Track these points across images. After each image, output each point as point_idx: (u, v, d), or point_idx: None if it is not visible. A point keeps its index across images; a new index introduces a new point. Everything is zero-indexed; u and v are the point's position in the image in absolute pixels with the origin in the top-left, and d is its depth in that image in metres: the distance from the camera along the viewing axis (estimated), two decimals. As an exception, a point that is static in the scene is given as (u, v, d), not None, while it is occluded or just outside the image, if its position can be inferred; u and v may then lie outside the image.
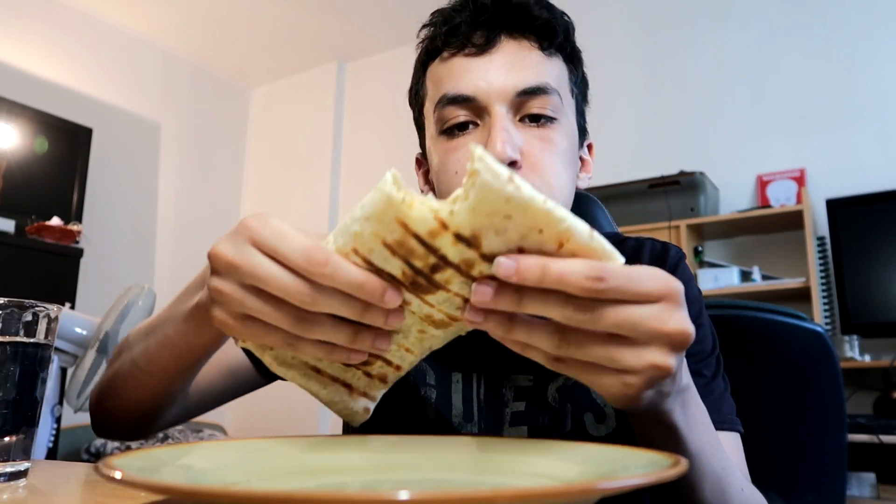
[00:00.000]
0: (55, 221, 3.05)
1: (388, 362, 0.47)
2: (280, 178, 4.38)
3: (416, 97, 0.76)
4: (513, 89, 0.65)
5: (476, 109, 0.66)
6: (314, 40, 4.08)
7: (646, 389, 0.40)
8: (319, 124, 4.27)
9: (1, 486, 0.50)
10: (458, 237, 0.36)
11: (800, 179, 2.64)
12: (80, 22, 3.66)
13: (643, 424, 0.49)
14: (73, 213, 3.29)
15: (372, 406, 0.50)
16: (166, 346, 0.59)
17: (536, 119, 0.66)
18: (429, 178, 0.75)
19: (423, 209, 0.36)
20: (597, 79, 0.79)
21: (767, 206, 2.62)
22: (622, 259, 0.37)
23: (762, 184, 2.71)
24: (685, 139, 2.97)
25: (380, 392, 0.50)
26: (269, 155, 4.48)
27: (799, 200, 2.52)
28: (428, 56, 0.73)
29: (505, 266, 0.36)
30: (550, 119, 0.66)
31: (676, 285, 0.38)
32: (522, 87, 0.65)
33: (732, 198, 2.79)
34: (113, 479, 0.31)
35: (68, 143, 3.33)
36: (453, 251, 0.37)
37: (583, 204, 1.10)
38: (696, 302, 0.70)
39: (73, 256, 3.09)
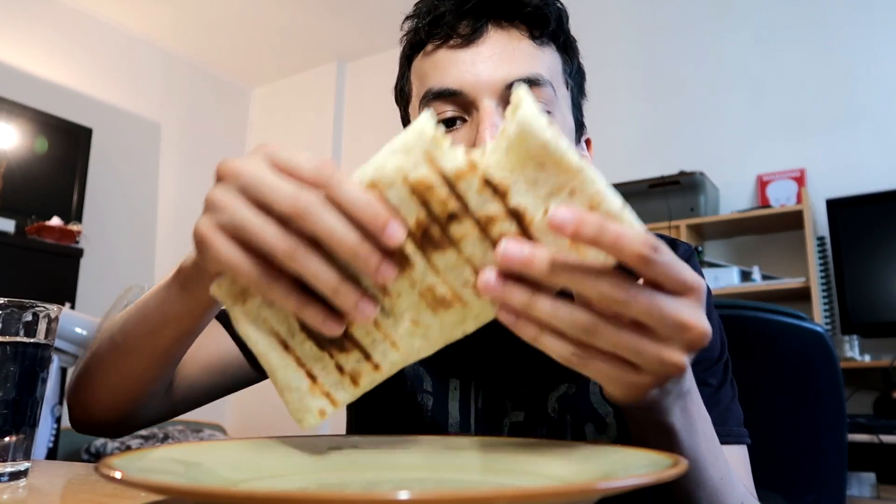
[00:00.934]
0: (55, 221, 3.05)
1: (368, 356, 0.40)
2: (280, 178, 4.38)
3: (402, 94, 0.72)
4: (501, 82, 0.61)
5: (463, 104, 0.63)
6: (314, 40, 4.08)
7: (655, 386, 0.39)
8: (319, 124, 4.27)
9: (1, 486, 0.50)
10: (487, 182, 0.35)
11: (800, 179, 2.64)
12: (80, 22, 3.66)
13: (640, 425, 0.47)
14: (73, 213, 3.29)
15: (329, 411, 0.41)
16: (146, 319, 0.55)
17: None
18: None
19: (455, 149, 0.35)
20: (597, 79, 0.77)
21: (767, 206, 2.62)
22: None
23: (762, 184, 2.71)
24: (685, 139, 2.97)
25: (345, 397, 0.42)
26: (269, 155, 4.48)
27: (799, 200, 2.52)
28: (412, 49, 0.69)
29: (561, 215, 0.33)
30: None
31: (702, 283, 0.37)
32: (512, 78, 0.61)
33: (732, 198, 2.79)
34: (113, 479, 0.31)
35: (68, 143, 3.34)
36: (477, 199, 0.35)
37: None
38: (706, 302, 0.68)
39: (73, 256, 3.09)
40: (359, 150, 4.19)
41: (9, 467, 0.51)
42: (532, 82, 0.62)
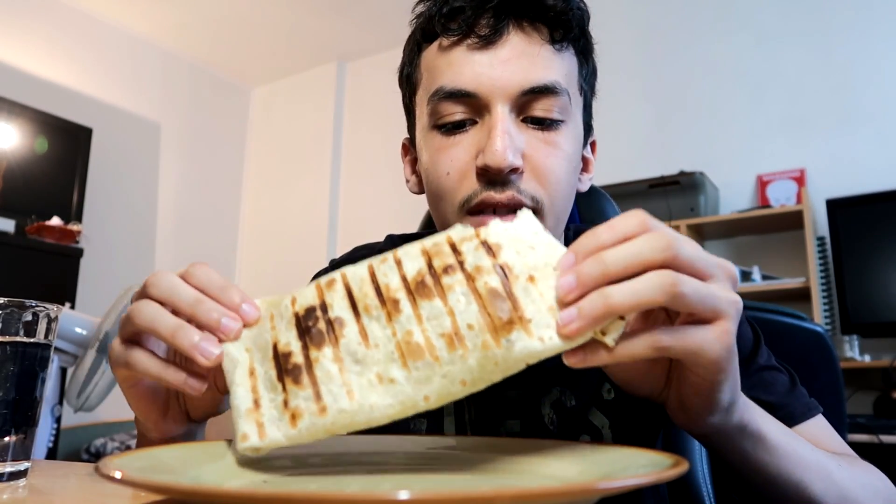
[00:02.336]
0: (55, 221, 3.05)
1: (318, 395, 0.39)
2: (280, 178, 4.38)
3: (409, 80, 0.69)
4: (518, 87, 0.59)
5: (475, 106, 0.60)
6: (314, 40, 4.08)
7: (734, 335, 0.40)
8: (319, 124, 4.27)
9: (1, 486, 0.50)
10: (484, 243, 0.41)
11: (800, 179, 2.64)
12: (80, 22, 3.66)
13: (733, 442, 0.46)
14: (73, 213, 3.29)
15: (254, 440, 0.40)
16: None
17: (540, 122, 0.61)
18: (416, 168, 0.70)
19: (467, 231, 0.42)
20: (598, 79, 0.76)
21: (767, 206, 2.62)
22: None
23: (762, 184, 2.71)
24: (685, 139, 2.97)
25: (276, 436, 0.40)
26: (269, 155, 4.48)
27: (799, 200, 2.52)
28: (423, 37, 0.66)
29: (564, 282, 0.38)
30: (557, 122, 0.61)
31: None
32: (529, 85, 0.59)
33: (732, 198, 2.79)
34: (113, 479, 0.31)
35: (68, 143, 3.33)
36: (473, 255, 0.40)
37: (593, 199, 1.09)
38: None
39: (73, 256, 3.09)
40: (359, 150, 4.19)
41: (9, 467, 0.51)
42: (549, 90, 0.60)
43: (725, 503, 0.85)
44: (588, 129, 0.69)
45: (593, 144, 0.74)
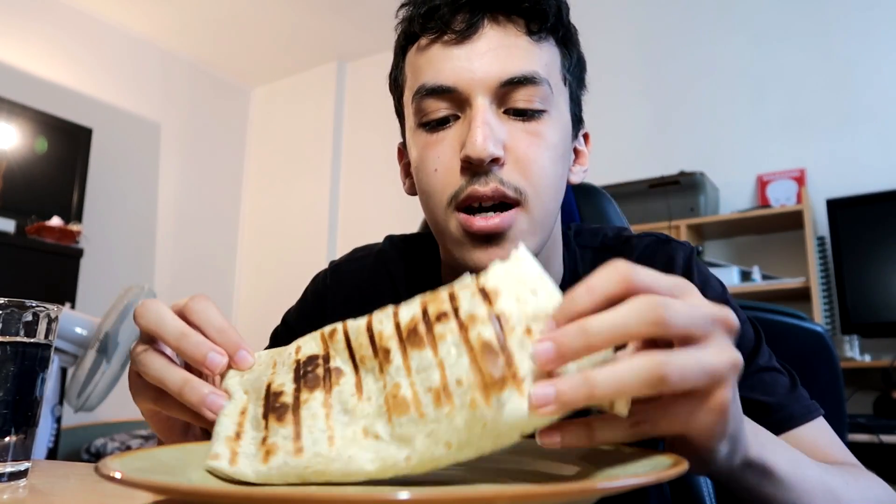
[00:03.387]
0: (55, 221, 3.06)
1: (298, 435, 0.38)
2: (280, 178, 4.38)
3: (396, 84, 0.71)
4: (496, 79, 0.60)
5: (457, 101, 0.61)
6: (314, 40, 4.08)
7: (732, 400, 0.37)
8: (319, 124, 4.27)
9: (1, 486, 0.50)
10: (482, 290, 0.37)
11: (800, 179, 2.64)
12: (80, 22, 3.66)
13: (737, 479, 0.45)
14: (73, 213, 3.29)
15: (224, 465, 0.39)
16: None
17: (522, 113, 0.61)
18: (410, 171, 0.70)
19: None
20: (598, 79, 0.76)
21: (767, 206, 2.62)
22: None
23: (762, 184, 2.71)
24: (685, 139, 2.97)
25: (247, 468, 0.39)
26: (269, 155, 4.48)
27: (799, 200, 2.52)
28: (406, 40, 0.67)
29: (542, 350, 0.34)
30: (539, 112, 0.61)
31: (686, 282, 0.38)
32: (507, 76, 0.60)
33: (732, 198, 2.79)
34: (113, 479, 0.31)
35: (68, 143, 3.34)
36: (469, 303, 0.37)
37: (593, 198, 1.09)
38: (719, 299, 0.64)
39: (73, 256, 3.09)
40: (359, 150, 4.19)
41: (9, 467, 0.51)
42: (528, 80, 0.60)
43: (726, 503, 0.85)
44: (578, 120, 0.69)
45: (586, 136, 0.73)
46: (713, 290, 0.68)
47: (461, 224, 0.61)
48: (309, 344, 0.43)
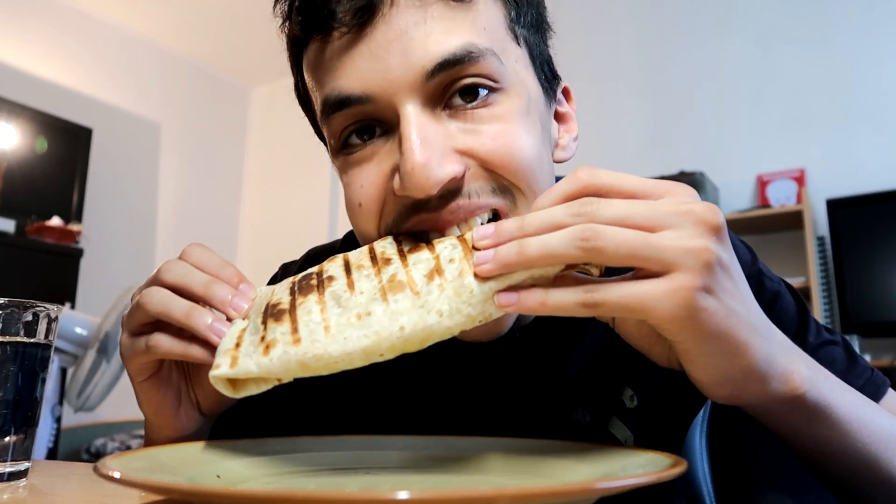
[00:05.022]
0: (55, 221, 3.06)
1: (295, 329, 0.39)
2: (280, 178, 4.38)
3: (304, 102, 0.58)
4: (419, 71, 0.45)
5: (376, 112, 0.47)
6: (314, 40, 4.08)
7: (700, 291, 0.34)
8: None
9: (1, 486, 0.50)
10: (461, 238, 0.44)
11: (800, 179, 2.64)
12: (80, 22, 3.66)
13: (775, 415, 0.41)
14: (73, 213, 3.29)
15: (228, 373, 0.40)
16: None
17: (470, 101, 0.47)
18: None
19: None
20: (598, 79, 0.75)
21: (767, 206, 2.62)
22: None
23: (762, 184, 2.71)
24: (685, 139, 2.97)
25: (248, 364, 0.39)
26: (269, 155, 4.48)
27: (799, 200, 2.52)
28: (295, 46, 0.55)
29: (482, 257, 0.38)
30: (491, 91, 0.47)
31: (676, 185, 0.38)
32: (432, 62, 0.45)
33: (732, 198, 2.79)
34: (112, 479, 0.31)
35: (68, 143, 3.34)
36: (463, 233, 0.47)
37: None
38: (748, 265, 0.58)
39: (73, 256, 3.09)
40: (359, 150, 4.18)
41: (9, 467, 0.51)
42: (462, 59, 0.46)
43: (726, 503, 0.85)
44: (551, 79, 0.55)
45: (567, 92, 0.59)
46: (741, 258, 0.57)
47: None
48: (307, 270, 0.47)
